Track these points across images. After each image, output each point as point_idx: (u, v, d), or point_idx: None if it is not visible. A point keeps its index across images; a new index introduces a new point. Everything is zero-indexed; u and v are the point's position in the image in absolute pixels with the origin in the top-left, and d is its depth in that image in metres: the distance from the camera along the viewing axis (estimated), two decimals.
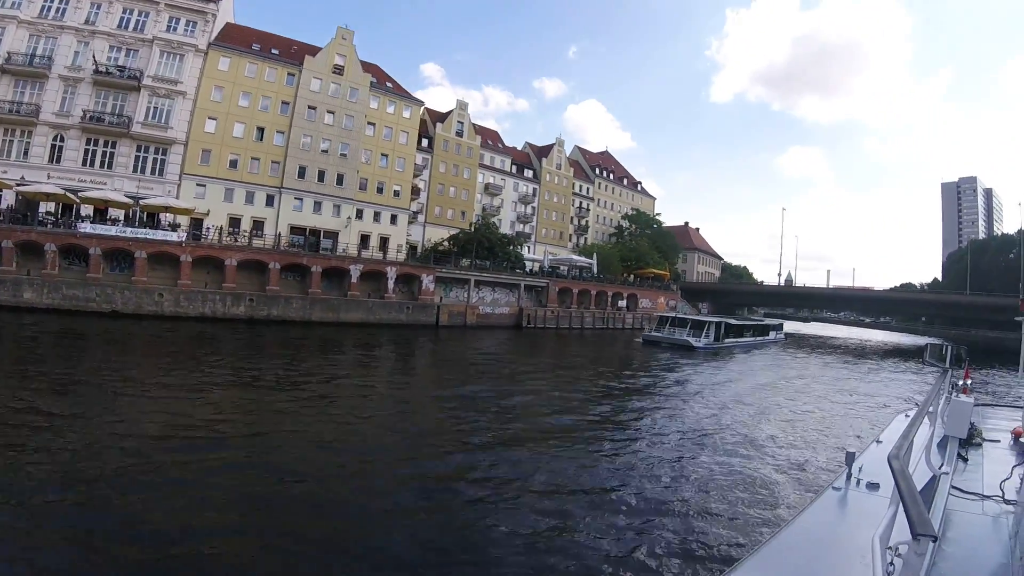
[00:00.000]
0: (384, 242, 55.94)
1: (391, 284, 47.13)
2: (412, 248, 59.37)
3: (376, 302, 45.10)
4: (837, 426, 19.29)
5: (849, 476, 5.08)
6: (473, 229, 58.56)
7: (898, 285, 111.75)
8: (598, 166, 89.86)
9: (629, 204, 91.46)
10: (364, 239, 54.88)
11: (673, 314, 49.75)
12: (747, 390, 25.83)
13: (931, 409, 6.66)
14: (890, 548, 2.78)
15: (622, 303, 64.42)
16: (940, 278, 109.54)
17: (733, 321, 52.48)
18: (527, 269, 60.48)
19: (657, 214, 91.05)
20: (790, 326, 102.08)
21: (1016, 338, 44.34)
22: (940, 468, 4.96)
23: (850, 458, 5.25)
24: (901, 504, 2.51)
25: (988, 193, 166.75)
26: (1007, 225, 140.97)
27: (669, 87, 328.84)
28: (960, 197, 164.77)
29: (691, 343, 43.32)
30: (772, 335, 60.86)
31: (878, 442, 6.53)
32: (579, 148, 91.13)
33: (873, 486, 4.82)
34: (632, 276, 71.99)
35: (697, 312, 72.00)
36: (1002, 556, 3.55)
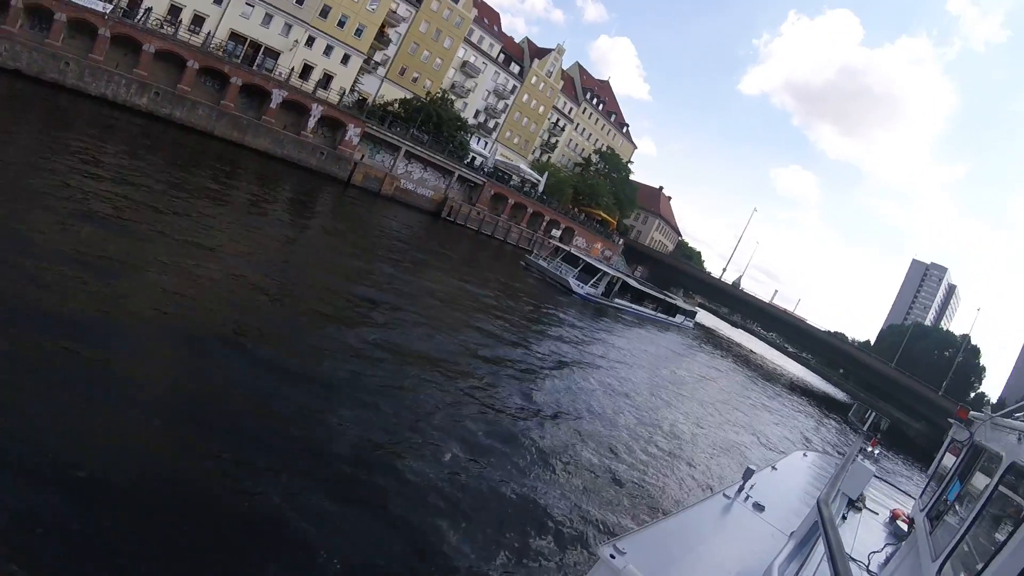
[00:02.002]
0: (327, 80, 50.56)
1: (312, 123, 42.71)
2: (362, 100, 54.23)
3: (289, 136, 40.85)
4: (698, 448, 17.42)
5: (741, 490, 5.67)
6: (428, 100, 53.58)
7: (832, 331, 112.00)
8: (592, 91, 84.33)
9: (608, 142, 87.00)
10: (306, 71, 49.29)
11: (569, 249, 43.96)
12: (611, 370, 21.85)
13: (838, 463, 7.40)
14: None
15: (556, 232, 61.57)
16: (872, 342, 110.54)
17: (634, 283, 46.70)
18: (469, 160, 56.39)
19: (630, 162, 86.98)
20: (716, 324, 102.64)
21: (919, 430, 44.52)
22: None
23: (747, 474, 5.87)
24: (827, 555, 2.75)
25: (951, 289, 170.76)
26: (954, 324, 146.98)
27: (706, 57, 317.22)
28: (924, 280, 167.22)
29: (571, 286, 38.12)
30: (679, 318, 55.59)
31: (773, 468, 7.54)
32: (580, 66, 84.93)
33: (759, 507, 5.48)
34: (578, 210, 68.88)
35: (631, 272, 70.09)
36: None
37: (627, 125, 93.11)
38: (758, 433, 23.67)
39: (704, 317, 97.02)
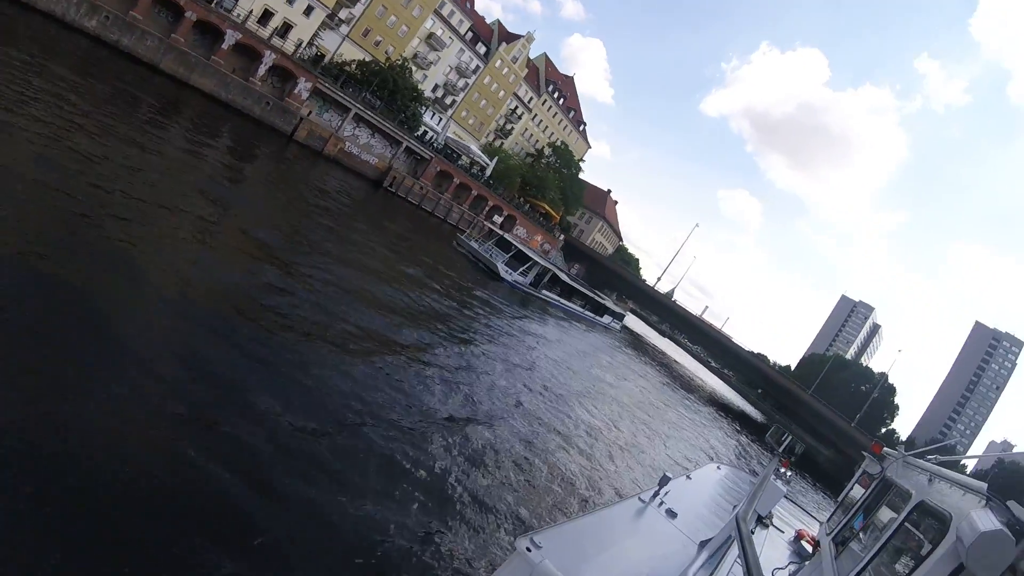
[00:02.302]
0: (286, 30, 49.19)
1: (263, 70, 41.60)
2: (319, 56, 53.07)
3: (237, 81, 39.64)
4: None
5: (656, 495, 5.76)
6: (387, 65, 52.99)
7: (755, 352, 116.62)
8: (555, 84, 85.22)
9: (563, 136, 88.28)
10: (266, 16, 47.76)
11: (504, 234, 43.57)
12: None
13: (752, 480, 7.88)
14: None
15: (498, 218, 62.42)
16: (793, 367, 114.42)
17: (564, 277, 47.19)
18: (420, 133, 56.25)
19: (581, 160, 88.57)
20: (644, 331, 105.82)
21: (828, 456, 47.27)
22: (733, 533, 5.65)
23: (664, 481, 5.90)
24: (744, 570, 2.88)
25: (875, 328, 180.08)
26: (874, 361, 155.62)
27: (674, 72, 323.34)
28: (850, 315, 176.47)
29: (499, 271, 37.86)
30: (606, 319, 56.41)
31: (688, 477, 7.84)
32: (547, 57, 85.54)
33: (672, 514, 5.62)
34: (523, 200, 69.89)
35: (568, 268, 71.78)
36: None
37: (584, 124, 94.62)
38: (673, 440, 24.14)
39: (634, 323, 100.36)
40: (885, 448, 5.71)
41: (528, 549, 3.40)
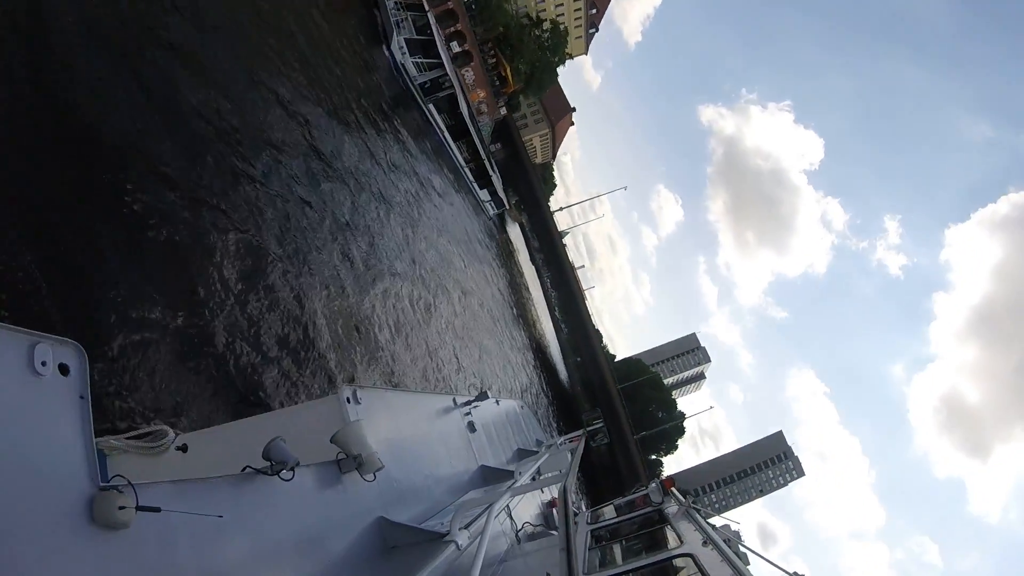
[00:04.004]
0: None
1: None
2: None
3: None
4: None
5: (468, 404, 6.39)
6: None
7: (596, 328, 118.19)
8: None
9: (570, 25, 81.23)
10: None
11: (431, 13, 35.81)
12: None
13: (550, 443, 9.51)
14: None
15: (455, 46, 55.63)
16: (617, 359, 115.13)
17: (465, 112, 39.86)
18: None
19: (569, 56, 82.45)
20: (519, 247, 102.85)
21: (599, 451, 48.52)
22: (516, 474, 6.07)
23: (481, 397, 6.80)
24: (562, 529, 3.67)
25: (701, 376, 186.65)
26: (683, 402, 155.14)
27: (700, 61, 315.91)
28: (688, 353, 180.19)
29: (391, 41, 28.53)
30: (484, 195, 48.07)
31: (497, 403, 8.81)
32: None
33: (472, 427, 6.35)
34: (491, 49, 63.09)
35: (491, 143, 67.16)
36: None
37: (596, 31, 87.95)
38: (490, 358, 23.53)
39: (516, 236, 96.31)
40: (675, 488, 5.90)
41: (348, 400, 3.56)
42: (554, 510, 6.87)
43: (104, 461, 2.24)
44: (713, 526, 4.66)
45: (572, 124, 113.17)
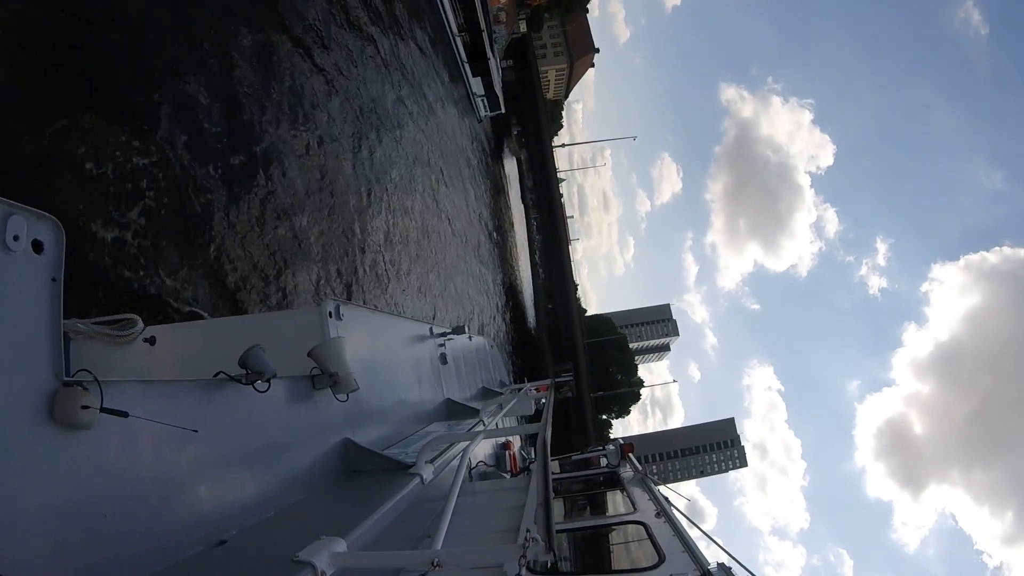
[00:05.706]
0: None
1: None
2: None
3: None
4: None
5: (443, 336, 6.44)
6: None
7: (576, 282, 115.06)
8: None
9: None
10: None
11: None
12: None
13: (515, 387, 9.52)
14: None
15: None
16: (587, 313, 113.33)
17: (481, 16, 34.69)
18: None
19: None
20: (513, 188, 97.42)
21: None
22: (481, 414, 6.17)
23: (458, 330, 6.88)
24: (540, 473, 3.03)
25: (665, 347, 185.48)
26: (644, 368, 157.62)
27: (730, 40, 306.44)
28: (658, 323, 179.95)
29: None
30: (476, 86, 39.19)
31: (470, 339, 8.70)
32: None
33: (444, 359, 6.38)
34: None
35: (501, 57, 60.85)
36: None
37: None
38: (470, 293, 23.42)
39: (511, 171, 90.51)
40: (633, 453, 5.80)
41: (330, 314, 3.43)
42: (507, 452, 6.95)
43: (68, 346, 2.06)
44: (666, 498, 4.43)
45: (592, 66, 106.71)
